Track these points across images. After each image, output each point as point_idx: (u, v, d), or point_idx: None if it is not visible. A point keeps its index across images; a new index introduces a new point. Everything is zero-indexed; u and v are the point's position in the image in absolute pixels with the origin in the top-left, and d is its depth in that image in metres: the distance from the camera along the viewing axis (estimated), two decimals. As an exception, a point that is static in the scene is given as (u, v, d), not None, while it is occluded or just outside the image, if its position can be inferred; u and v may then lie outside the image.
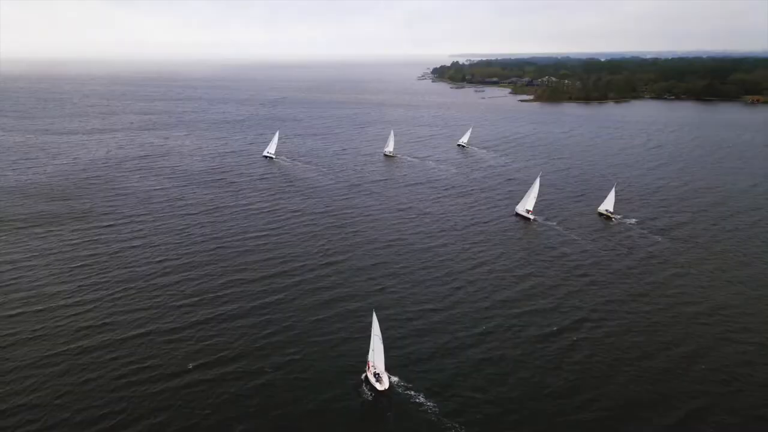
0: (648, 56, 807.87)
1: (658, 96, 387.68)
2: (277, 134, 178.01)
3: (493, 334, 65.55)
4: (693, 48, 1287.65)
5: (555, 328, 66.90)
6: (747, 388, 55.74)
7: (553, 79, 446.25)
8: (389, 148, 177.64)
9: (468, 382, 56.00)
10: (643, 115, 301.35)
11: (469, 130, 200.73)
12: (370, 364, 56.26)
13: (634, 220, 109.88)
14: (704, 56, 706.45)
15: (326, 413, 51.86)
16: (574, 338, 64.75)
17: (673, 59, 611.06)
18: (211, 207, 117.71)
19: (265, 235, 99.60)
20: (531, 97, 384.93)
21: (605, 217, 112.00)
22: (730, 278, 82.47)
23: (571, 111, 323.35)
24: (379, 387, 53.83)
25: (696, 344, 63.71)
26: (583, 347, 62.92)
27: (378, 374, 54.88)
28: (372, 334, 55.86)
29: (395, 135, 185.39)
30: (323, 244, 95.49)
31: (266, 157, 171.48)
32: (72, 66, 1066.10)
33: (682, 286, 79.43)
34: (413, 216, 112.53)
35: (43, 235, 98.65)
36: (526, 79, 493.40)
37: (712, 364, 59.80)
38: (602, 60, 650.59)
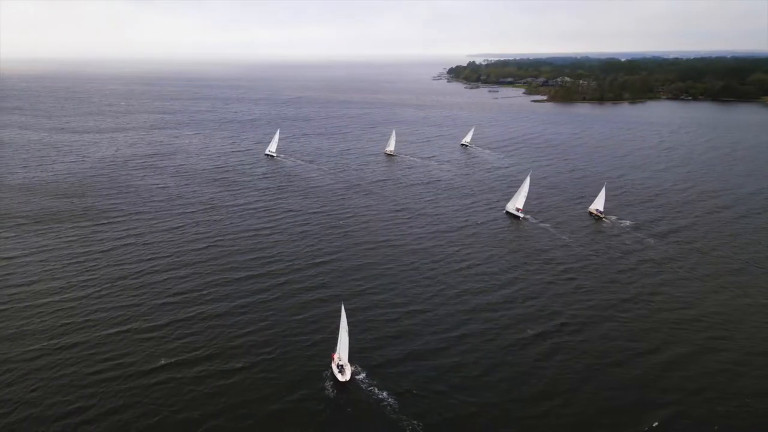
0: (671, 56, 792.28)
1: (675, 97, 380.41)
2: (278, 132, 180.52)
3: (469, 337, 65.09)
4: (717, 48, 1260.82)
5: (533, 333, 66.16)
6: (720, 396, 54.43)
7: (567, 79, 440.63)
8: (390, 147, 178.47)
9: (436, 385, 55.70)
10: (658, 116, 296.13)
11: (472, 130, 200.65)
12: (335, 356, 57.59)
13: (628, 221, 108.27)
14: (728, 56, 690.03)
15: (290, 412, 52.03)
16: (551, 344, 63.95)
17: (693, 59, 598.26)
18: (209, 206, 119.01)
19: (256, 235, 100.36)
20: (544, 97, 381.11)
21: (595, 217, 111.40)
22: (722, 284, 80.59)
23: (584, 111, 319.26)
24: (340, 378, 55.19)
25: (674, 352, 62.36)
26: (559, 353, 62.10)
27: (342, 366, 56.19)
28: (340, 327, 56.97)
29: (397, 134, 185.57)
30: (313, 244, 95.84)
31: (268, 155, 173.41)
32: (95, 66, 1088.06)
33: (670, 292, 77.87)
34: (407, 217, 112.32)
35: (42, 232, 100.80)
36: (542, 79, 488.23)
37: (687, 372, 58.54)
38: (622, 60, 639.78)
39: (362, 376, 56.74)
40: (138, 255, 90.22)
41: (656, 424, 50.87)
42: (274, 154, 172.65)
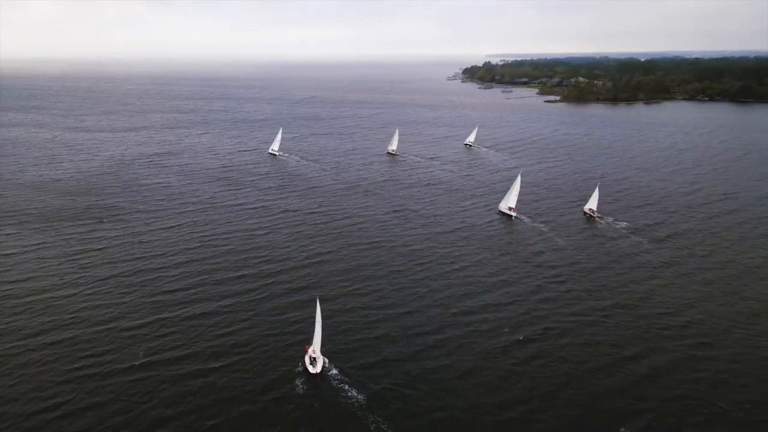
0: (693, 56, 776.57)
1: (691, 97, 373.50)
2: (280, 131, 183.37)
3: (448, 341, 64.56)
4: (741, 48, 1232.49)
5: (514, 338, 65.39)
6: (697, 406, 53.20)
7: (581, 79, 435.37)
8: (393, 146, 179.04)
9: (408, 387, 55.39)
10: (672, 116, 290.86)
11: (475, 129, 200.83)
12: (309, 348, 59.10)
13: (626, 224, 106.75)
14: (751, 56, 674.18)
15: (259, 410, 52.22)
16: (531, 349, 63.10)
17: (712, 59, 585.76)
18: (208, 205, 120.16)
19: (250, 235, 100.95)
20: (557, 97, 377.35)
21: (588, 216, 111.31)
22: (715, 291, 78.72)
23: (596, 112, 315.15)
24: (311, 370, 56.78)
25: (656, 359, 61.05)
26: (538, 358, 61.28)
27: (314, 358, 57.76)
28: (315, 321, 58.78)
29: (405, 134, 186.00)
30: (306, 245, 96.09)
31: (271, 154, 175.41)
32: (113, 66, 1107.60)
33: (660, 298, 76.33)
34: (403, 218, 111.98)
35: (43, 230, 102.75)
36: (557, 79, 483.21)
37: (667, 380, 57.27)
38: (642, 60, 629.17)
39: (334, 372, 57.51)
40: (132, 253, 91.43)
41: (629, 432, 50.02)
42: (277, 153, 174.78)
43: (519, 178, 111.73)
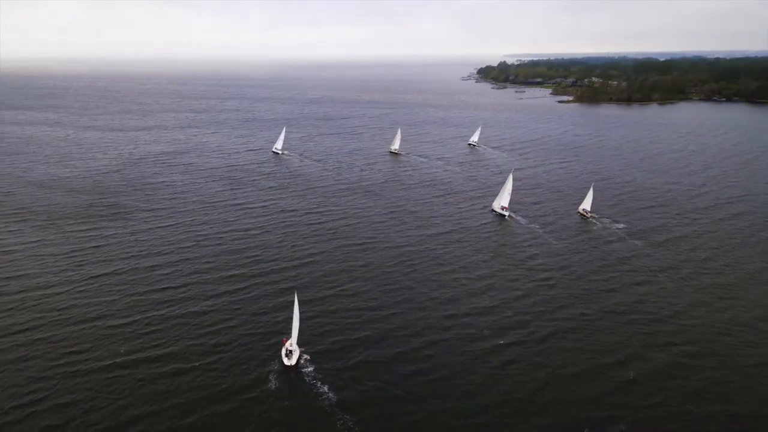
0: (714, 56, 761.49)
1: (707, 98, 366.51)
2: (284, 130, 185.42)
3: (429, 345, 63.99)
4: (764, 47, 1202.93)
5: (497, 343, 64.64)
6: (671, 413, 52.13)
7: (595, 79, 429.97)
8: (395, 145, 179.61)
9: (382, 389, 55.11)
10: (686, 117, 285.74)
11: (479, 129, 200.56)
12: (287, 341, 60.31)
13: (623, 225, 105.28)
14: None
15: (232, 412, 52.46)
16: (513, 354, 62.31)
17: (732, 59, 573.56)
18: (208, 204, 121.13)
19: (245, 234, 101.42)
20: (570, 98, 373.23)
21: (582, 217, 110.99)
22: (710, 297, 76.99)
23: (609, 112, 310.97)
24: (286, 362, 57.73)
25: (641, 367, 59.77)
26: (519, 363, 60.48)
27: (290, 351, 58.86)
28: (293, 314, 59.93)
29: (411, 134, 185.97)
30: (300, 245, 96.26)
31: (275, 153, 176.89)
32: (131, 66, 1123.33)
33: (652, 303, 74.84)
34: (399, 218, 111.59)
35: (44, 227, 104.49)
36: (571, 79, 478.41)
37: (649, 389, 56.07)
38: (661, 60, 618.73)
39: (311, 370, 57.95)
40: (128, 251, 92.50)
41: (604, 439, 49.21)
42: (280, 152, 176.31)
43: (511, 177, 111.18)
